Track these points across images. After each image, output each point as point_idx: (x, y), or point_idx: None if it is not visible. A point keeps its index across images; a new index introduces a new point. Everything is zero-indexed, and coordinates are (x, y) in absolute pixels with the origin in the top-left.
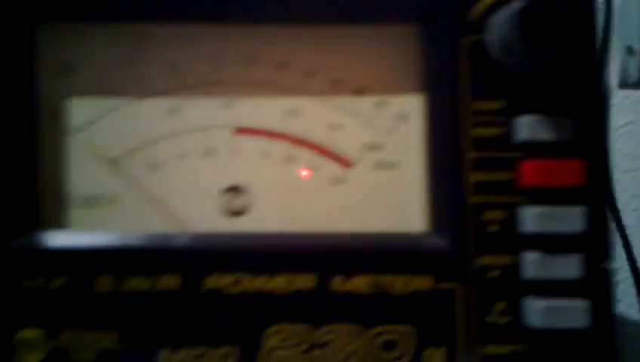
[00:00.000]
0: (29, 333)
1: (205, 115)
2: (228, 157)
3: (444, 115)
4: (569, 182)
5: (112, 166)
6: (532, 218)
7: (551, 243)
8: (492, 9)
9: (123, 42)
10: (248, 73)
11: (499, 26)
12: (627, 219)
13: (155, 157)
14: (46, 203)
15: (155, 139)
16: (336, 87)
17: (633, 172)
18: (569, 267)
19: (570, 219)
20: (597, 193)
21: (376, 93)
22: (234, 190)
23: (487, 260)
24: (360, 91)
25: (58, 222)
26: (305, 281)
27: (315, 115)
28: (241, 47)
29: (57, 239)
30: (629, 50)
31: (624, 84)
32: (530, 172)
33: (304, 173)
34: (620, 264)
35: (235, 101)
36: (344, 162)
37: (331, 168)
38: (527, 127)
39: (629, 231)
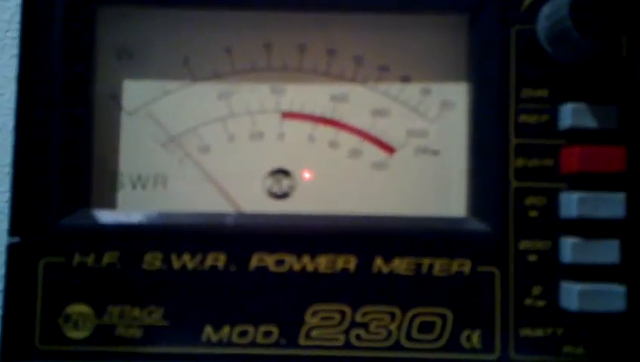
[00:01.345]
0: (78, 308)
1: (255, 100)
2: (275, 141)
3: (489, 102)
4: (610, 168)
5: (165, 147)
6: (572, 203)
7: (590, 229)
8: (540, 3)
9: (179, 27)
10: (298, 59)
11: (549, 15)
12: None
13: (206, 140)
14: (99, 181)
15: (207, 121)
16: (383, 74)
17: None
18: (607, 252)
19: (610, 204)
20: (637, 180)
21: (422, 80)
22: (280, 173)
23: (526, 244)
24: (406, 78)
25: (110, 201)
26: (346, 262)
27: (361, 101)
28: (292, 33)
29: (108, 216)
30: None
31: None
32: (573, 158)
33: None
34: None
35: (284, 86)
36: (387, 148)
37: (375, 153)
38: (571, 115)
39: None
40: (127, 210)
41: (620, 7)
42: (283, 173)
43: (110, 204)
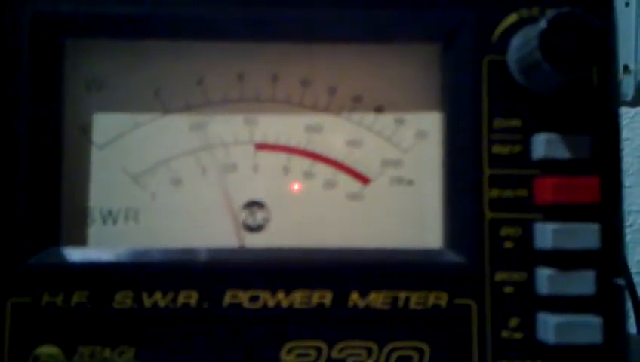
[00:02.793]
0: (47, 350)
1: (228, 131)
2: (248, 173)
3: (462, 132)
4: (584, 199)
5: (136, 181)
6: (547, 234)
7: (565, 260)
8: (512, 31)
9: (150, 58)
10: (272, 90)
11: (519, 46)
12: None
13: (177, 173)
14: (69, 218)
15: (178, 154)
16: (357, 104)
17: (629, 188)
18: (583, 283)
19: (585, 235)
20: (610, 210)
21: (396, 110)
22: (254, 205)
23: (502, 276)
24: (380, 108)
25: (80, 238)
26: (321, 297)
27: (335, 131)
28: (265, 64)
29: (77, 255)
30: (625, 69)
31: (621, 102)
32: (546, 189)
33: (296, 186)
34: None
35: (257, 117)
36: (363, 178)
37: (350, 184)
38: (544, 145)
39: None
40: (97, 247)
41: (589, 39)
42: (257, 205)
43: (80, 240)
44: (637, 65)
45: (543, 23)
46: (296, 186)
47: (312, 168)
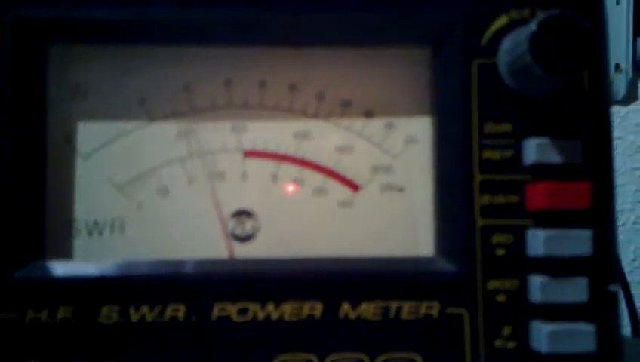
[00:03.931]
0: None
1: (215, 139)
2: (237, 182)
3: (453, 137)
4: (576, 205)
5: (122, 191)
6: (539, 241)
7: (558, 267)
8: (502, 33)
9: (135, 65)
10: (260, 96)
11: (509, 50)
12: None
13: (164, 182)
14: (52, 230)
15: (165, 163)
16: (346, 109)
17: (621, 187)
18: (575, 290)
19: (577, 242)
20: (602, 215)
21: (386, 115)
22: (242, 215)
23: (494, 284)
24: (370, 113)
25: (66, 250)
26: (312, 309)
27: (324, 137)
28: (253, 69)
29: (62, 268)
30: (617, 68)
31: (612, 101)
32: (538, 195)
33: (290, 188)
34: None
35: (245, 124)
36: (353, 185)
37: (340, 191)
38: (535, 150)
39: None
40: (82, 260)
41: (580, 41)
42: (246, 214)
43: (66, 253)
44: (628, 63)
45: (532, 26)
46: (290, 188)
47: (301, 175)
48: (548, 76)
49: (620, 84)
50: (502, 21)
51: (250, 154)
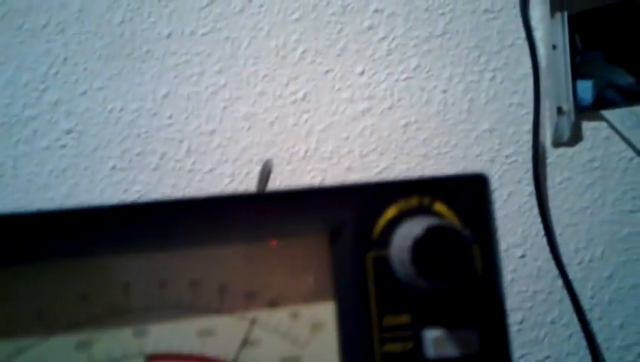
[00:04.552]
0: None
1: (116, 346)
2: None
3: (355, 329)
4: None
5: None
6: None
7: None
8: (392, 226)
9: (29, 280)
10: (160, 296)
11: (398, 248)
12: (572, 273)
13: None
14: None
15: None
16: (250, 301)
17: (575, 226)
18: None
19: None
20: None
21: (291, 303)
22: None
23: None
24: (274, 303)
25: None
26: None
27: (229, 332)
28: (152, 271)
29: None
30: (559, 111)
31: (558, 143)
32: None
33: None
34: (569, 318)
35: (147, 327)
36: None
37: None
38: (433, 344)
39: (575, 285)
40: None
41: (460, 257)
42: None
43: None
44: (570, 106)
45: (417, 231)
46: None
47: None
48: (429, 283)
49: (563, 126)
50: (391, 212)
51: (153, 358)
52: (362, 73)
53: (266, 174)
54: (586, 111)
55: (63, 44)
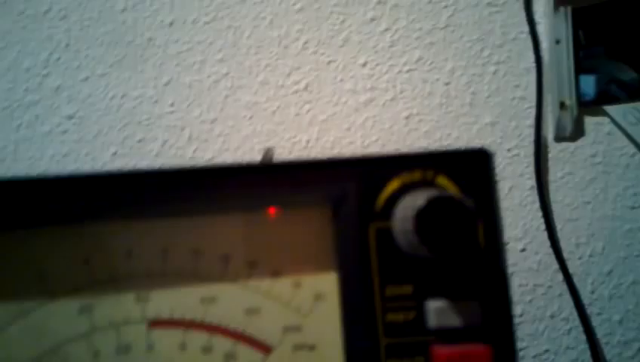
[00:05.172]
0: None
1: (118, 311)
2: (143, 354)
3: (356, 299)
4: None
5: None
6: None
7: None
8: (397, 196)
9: (32, 243)
10: (162, 263)
11: (401, 219)
12: (572, 267)
13: (67, 359)
14: None
15: (67, 340)
16: (252, 270)
17: (576, 221)
18: None
19: None
20: None
21: (293, 273)
22: None
23: None
24: (276, 273)
25: None
26: None
27: (232, 300)
28: (154, 238)
29: None
30: (562, 105)
31: (560, 138)
32: (441, 359)
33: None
34: (569, 312)
35: (149, 293)
36: (263, 348)
37: (251, 355)
38: (435, 314)
39: (575, 279)
40: None
41: (465, 224)
42: None
43: None
44: (572, 100)
45: (419, 201)
46: None
47: (210, 342)
48: (432, 254)
49: (566, 121)
50: (394, 185)
51: (155, 324)
52: (365, 64)
53: (267, 162)
54: (588, 106)
55: (65, 30)
